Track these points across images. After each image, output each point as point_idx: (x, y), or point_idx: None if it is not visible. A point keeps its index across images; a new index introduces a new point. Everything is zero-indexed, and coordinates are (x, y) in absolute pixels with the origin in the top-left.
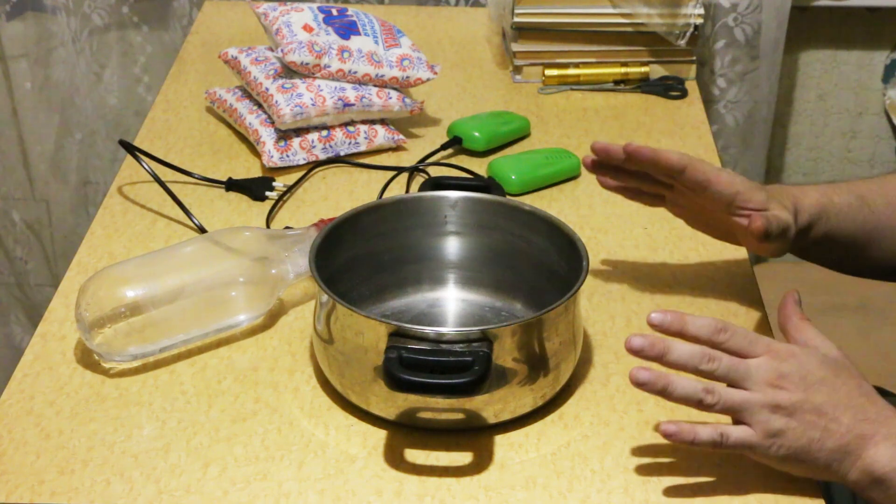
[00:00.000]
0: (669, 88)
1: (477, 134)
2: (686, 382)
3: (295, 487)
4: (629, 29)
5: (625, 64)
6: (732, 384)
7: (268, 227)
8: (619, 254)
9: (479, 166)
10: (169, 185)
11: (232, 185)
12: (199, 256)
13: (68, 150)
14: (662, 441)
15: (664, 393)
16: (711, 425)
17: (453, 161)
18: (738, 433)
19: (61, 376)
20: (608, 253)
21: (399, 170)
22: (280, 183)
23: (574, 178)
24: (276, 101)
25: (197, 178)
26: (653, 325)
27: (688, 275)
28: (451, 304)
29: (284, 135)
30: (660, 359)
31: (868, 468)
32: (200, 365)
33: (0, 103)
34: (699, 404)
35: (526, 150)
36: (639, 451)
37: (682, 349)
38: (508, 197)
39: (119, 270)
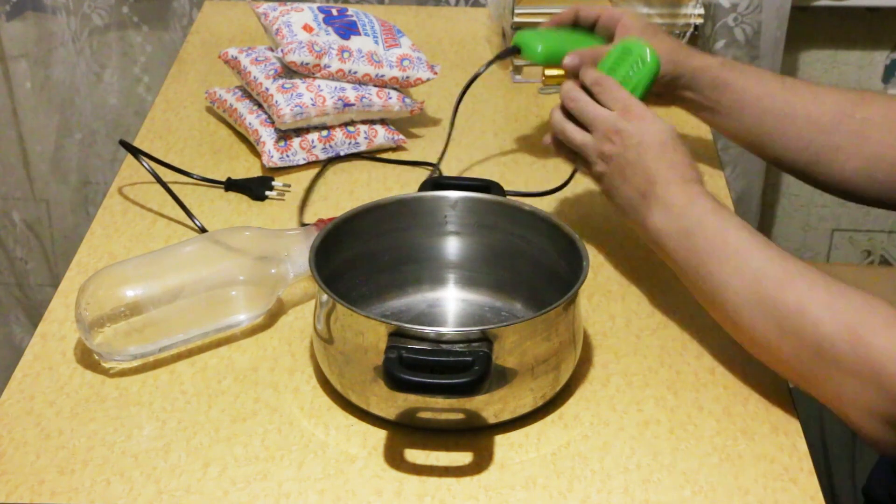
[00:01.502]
0: None
1: (539, 47)
2: (557, 115)
3: (295, 487)
4: None
5: None
6: (583, 125)
7: (268, 227)
8: (619, 254)
9: (549, 201)
10: (169, 184)
11: (231, 185)
12: (199, 256)
13: (68, 150)
14: (662, 441)
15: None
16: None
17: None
18: (584, 166)
19: (61, 376)
20: (608, 253)
21: (416, 164)
22: (279, 182)
23: None
24: (276, 101)
25: (196, 179)
26: (564, 66)
27: None
28: (451, 304)
29: (284, 135)
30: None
31: (648, 226)
32: (200, 365)
33: (0, 103)
34: (561, 133)
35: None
36: (639, 451)
37: (565, 86)
38: (508, 197)
39: (119, 270)
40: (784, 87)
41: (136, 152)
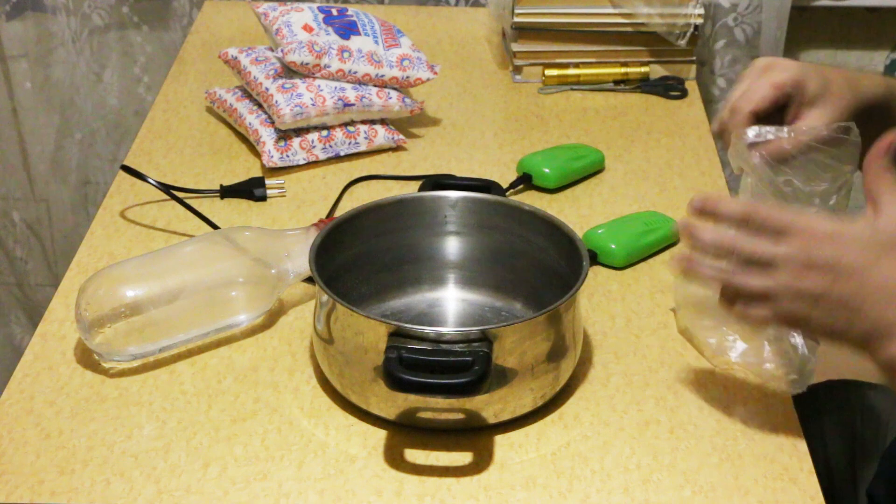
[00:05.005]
0: (669, 88)
1: (547, 170)
2: (709, 267)
3: (295, 487)
4: (629, 29)
5: (625, 64)
6: (758, 272)
7: (268, 227)
8: None
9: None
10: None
11: (226, 192)
12: (199, 256)
13: (68, 150)
14: (662, 441)
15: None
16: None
17: (524, 197)
18: (758, 314)
19: (61, 376)
20: None
21: (423, 178)
22: (272, 181)
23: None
24: (276, 101)
25: (189, 193)
26: (692, 209)
27: None
28: (451, 304)
29: (284, 135)
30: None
31: (889, 358)
32: (200, 365)
33: (0, 103)
34: (732, 283)
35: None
36: (639, 451)
37: (709, 234)
38: (509, 196)
39: (119, 270)
40: None
41: (141, 176)
